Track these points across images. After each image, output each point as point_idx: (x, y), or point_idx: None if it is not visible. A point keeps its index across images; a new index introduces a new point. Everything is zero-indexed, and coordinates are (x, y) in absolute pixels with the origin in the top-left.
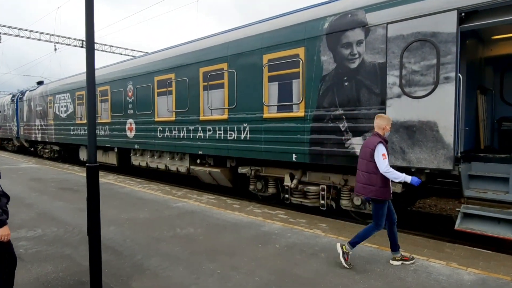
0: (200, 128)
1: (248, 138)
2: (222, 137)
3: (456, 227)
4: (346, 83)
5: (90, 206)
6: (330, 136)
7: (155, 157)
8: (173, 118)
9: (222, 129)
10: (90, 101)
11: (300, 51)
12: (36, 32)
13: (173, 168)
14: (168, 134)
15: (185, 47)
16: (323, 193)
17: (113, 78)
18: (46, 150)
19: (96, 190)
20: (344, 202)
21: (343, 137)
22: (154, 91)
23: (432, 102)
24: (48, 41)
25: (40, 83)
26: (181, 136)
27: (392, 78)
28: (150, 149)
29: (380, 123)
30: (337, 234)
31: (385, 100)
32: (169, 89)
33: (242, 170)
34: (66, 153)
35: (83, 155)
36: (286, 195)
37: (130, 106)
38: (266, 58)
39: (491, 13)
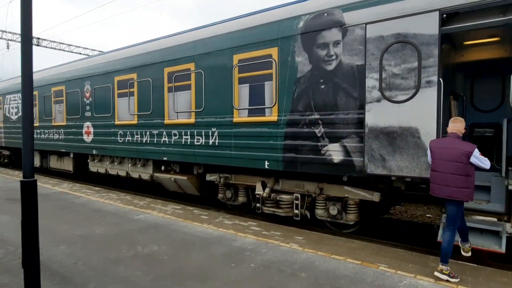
0: (164, 133)
1: (217, 144)
2: (188, 142)
3: (439, 238)
4: (323, 86)
5: (25, 231)
6: (305, 142)
7: (115, 163)
8: (135, 122)
9: (188, 134)
10: (26, 99)
11: (273, 51)
12: None
13: (135, 175)
14: (130, 138)
15: (148, 45)
16: (297, 202)
17: (68, 77)
18: None
19: (33, 211)
20: (320, 212)
21: (319, 143)
22: (114, 92)
23: (413, 107)
24: (0, 38)
25: None
26: (143, 141)
27: (371, 81)
28: (109, 154)
29: (461, 127)
30: (315, 248)
31: (364, 104)
32: (131, 90)
33: (210, 177)
34: (18, 159)
35: (36, 161)
36: (258, 204)
37: (87, 108)
38: (236, 58)
39: (471, 16)
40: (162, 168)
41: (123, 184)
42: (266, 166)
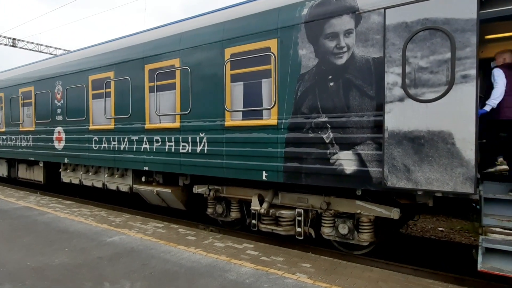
0: (145, 139)
1: (205, 151)
2: (173, 150)
3: (480, 267)
4: (331, 83)
5: None
6: (310, 149)
7: (90, 173)
8: (111, 126)
9: (173, 140)
10: None
11: (272, 44)
12: None
13: (112, 186)
14: (106, 145)
15: (127, 39)
16: (299, 218)
17: (38, 77)
18: None
19: None
20: (327, 230)
21: (328, 151)
22: (88, 93)
23: (445, 107)
24: None
25: None
26: (121, 148)
27: (392, 76)
28: (83, 163)
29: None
30: (329, 280)
31: (382, 104)
32: (107, 90)
33: (198, 189)
34: None
35: (3, 170)
36: (254, 221)
37: (58, 111)
38: (228, 52)
39: None
40: (143, 179)
41: (102, 196)
42: (264, 178)
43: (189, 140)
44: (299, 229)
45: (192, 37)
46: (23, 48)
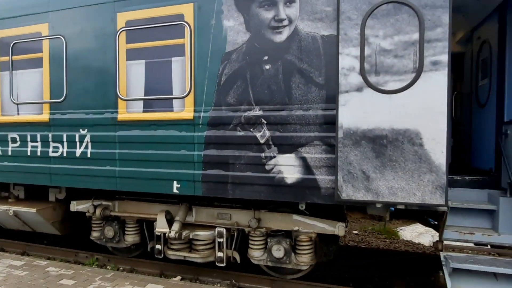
0: None
1: (89, 155)
2: (38, 153)
3: None
4: (267, 66)
5: None
6: (240, 152)
7: None
8: None
9: (39, 139)
10: None
11: (186, 10)
12: None
13: None
14: None
15: None
16: (220, 240)
17: None
18: None
19: None
20: (256, 254)
21: (263, 154)
22: None
23: (412, 99)
24: None
25: None
26: None
27: (347, 60)
28: None
29: None
30: None
31: (335, 94)
32: None
33: (77, 207)
34: None
35: None
36: (158, 246)
37: None
38: (122, 18)
39: None
40: None
41: None
42: (176, 190)
43: (64, 139)
44: (220, 254)
45: None
46: None
